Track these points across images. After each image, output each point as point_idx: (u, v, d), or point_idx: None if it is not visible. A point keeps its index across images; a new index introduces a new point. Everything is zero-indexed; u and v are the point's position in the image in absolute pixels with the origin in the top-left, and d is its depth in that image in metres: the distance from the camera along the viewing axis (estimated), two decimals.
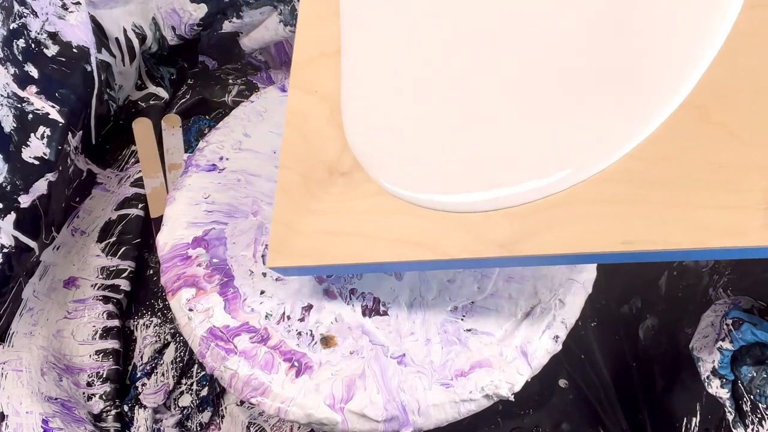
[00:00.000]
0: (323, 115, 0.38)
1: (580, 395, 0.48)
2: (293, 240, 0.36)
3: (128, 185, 0.56)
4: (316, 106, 0.38)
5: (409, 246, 0.33)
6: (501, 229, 0.31)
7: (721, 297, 0.40)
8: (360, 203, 0.35)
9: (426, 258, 0.32)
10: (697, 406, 0.39)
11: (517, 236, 0.30)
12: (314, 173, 0.37)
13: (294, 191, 0.37)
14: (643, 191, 0.28)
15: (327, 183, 0.36)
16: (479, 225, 0.31)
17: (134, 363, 0.49)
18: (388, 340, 0.39)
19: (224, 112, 0.63)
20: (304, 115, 0.38)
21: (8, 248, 0.42)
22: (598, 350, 0.50)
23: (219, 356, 0.38)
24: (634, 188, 0.28)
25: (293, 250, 0.35)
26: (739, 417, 0.36)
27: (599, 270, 0.43)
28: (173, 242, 0.42)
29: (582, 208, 0.29)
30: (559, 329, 0.39)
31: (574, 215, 0.29)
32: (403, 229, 0.33)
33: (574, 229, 0.29)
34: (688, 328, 0.41)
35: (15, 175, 0.43)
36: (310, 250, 0.35)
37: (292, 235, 0.36)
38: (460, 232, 0.32)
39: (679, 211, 0.27)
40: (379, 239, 0.33)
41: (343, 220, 0.35)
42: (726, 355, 0.37)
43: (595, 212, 0.29)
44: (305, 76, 0.39)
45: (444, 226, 0.32)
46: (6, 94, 0.44)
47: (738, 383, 0.36)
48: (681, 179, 0.28)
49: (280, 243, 0.36)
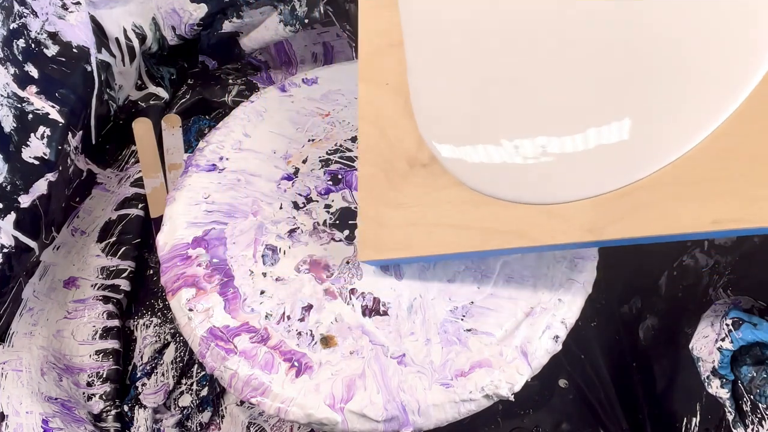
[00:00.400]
0: (398, 107, 0.38)
1: (580, 395, 0.48)
2: (382, 234, 0.36)
3: (128, 185, 0.56)
4: (388, 98, 0.38)
5: (499, 234, 0.33)
6: (587, 215, 0.31)
7: (721, 297, 0.40)
8: (444, 194, 0.35)
9: (516, 245, 0.32)
10: (697, 406, 0.39)
11: (604, 221, 0.30)
12: (395, 166, 0.37)
13: (376, 186, 0.37)
14: (728, 170, 0.27)
15: (409, 174, 0.36)
16: (566, 211, 0.31)
17: (134, 363, 0.49)
18: (388, 340, 0.39)
19: (224, 112, 0.63)
20: (377, 108, 0.38)
21: (8, 248, 0.42)
22: (598, 350, 0.50)
23: (219, 356, 0.38)
24: (718, 168, 0.28)
25: (383, 243, 0.36)
26: (739, 417, 0.36)
27: (599, 270, 0.43)
28: (173, 242, 0.42)
29: (666, 190, 0.29)
30: (559, 329, 0.39)
31: (658, 197, 0.29)
32: (491, 217, 0.33)
33: (659, 211, 0.29)
34: (688, 328, 0.41)
35: (15, 175, 0.43)
36: (399, 243, 0.36)
37: (381, 229, 0.36)
38: (548, 219, 0.32)
39: (753, 188, 0.27)
40: (467, 229, 0.34)
41: (429, 212, 0.35)
42: (726, 355, 0.37)
43: (680, 193, 0.28)
44: (374, 68, 0.39)
45: (531, 214, 0.32)
46: (6, 94, 0.44)
47: (738, 383, 0.36)
48: (749, 159, 0.27)
49: (370, 238, 0.37)
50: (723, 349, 0.37)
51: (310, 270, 0.42)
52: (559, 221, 0.32)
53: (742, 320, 0.36)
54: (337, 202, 0.45)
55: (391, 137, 0.37)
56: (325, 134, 0.50)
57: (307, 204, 0.45)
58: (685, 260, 0.44)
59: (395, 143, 0.37)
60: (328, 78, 0.54)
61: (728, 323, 0.37)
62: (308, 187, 0.46)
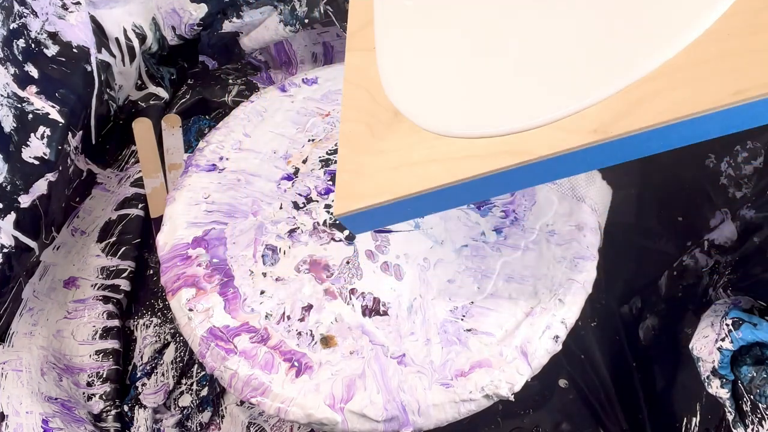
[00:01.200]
0: None
1: (580, 395, 0.48)
2: (361, 183, 0.34)
3: (128, 185, 0.56)
4: (373, 60, 0.38)
5: (489, 157, 0.31)
6: (593, 116, 0.29)
7: (721, 297, 0.40)
8: (431, 133, 0.33)
9: (509, 163, 0.30)
10: (697, 406, 0.39)
11: (613, 117, 0.28)
12: (379, 118, 0.35)
13: (358, 140, 0.36)
14: (745, 42, 0.26)
15: (393, 122, 0.35)
16: (563, 123, 0.29)
17: (134, 363, 0.49)
18: (388, 340, 0.39)
19: (224, 112, 0.63)
20: (364, 70, 0.38)
21: (8, 248, 0.42)
22: (598, 350, 0.50)
23: (219, 356, 0.38)
24: (736, 42, 0.26)
25: (362, 192, 0.34)
26: (739, 417, 0.36)
27: (599, 270, 0.43)
28: (173, 242, 0.42)
29: (677, 76, 0.27)
30: (559, 329, 0.39)
31: (667, 84, 0.27)
32: (482, 145, 0.31)
33: (671, 96, 0.27)
34: (688, 328, 0.41)
35: (15, 175, 0.43)
36: (381, 188, 0.33)
37: (359, 179, 0.34)
38: (545, 130, 0.30)
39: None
40: (455, 159, 0.32)
41: (414, 151, 0.33)
42: (726, 355, 0.37)
43: (696, 74, 0.27)
44: (360, 38, 0.39)
45: (524, 133, 0.31)
46: (6, 94, 0.44)
47: (738, 383, 0.36)
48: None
49: (347, 189, 0.34)
50: (723, 349, 0.37)
51: (310, 270, 0.42)
52: (556, 131, 0.29)
53: (742, 320, 0.36)
54: None
55: (375, 94, 0.37)
56: (325, 134, 0.50)
57: (307, 204, 0.45)
58: (685, 260, 0.44)
59: (381, 98, 0.36)
60: (328, 78, 0.54)
61: (728, 323, 0.37)
62: (308, 187, 0.46)
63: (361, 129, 0.36)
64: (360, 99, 0.37)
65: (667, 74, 0.28)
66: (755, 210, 0.40)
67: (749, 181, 0.42)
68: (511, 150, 0.30)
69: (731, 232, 0.42)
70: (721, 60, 0.27)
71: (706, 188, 0.44)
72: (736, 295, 0.39)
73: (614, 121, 0.28)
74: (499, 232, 0.44)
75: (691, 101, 0.26)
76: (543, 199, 0.45)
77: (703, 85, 0.26)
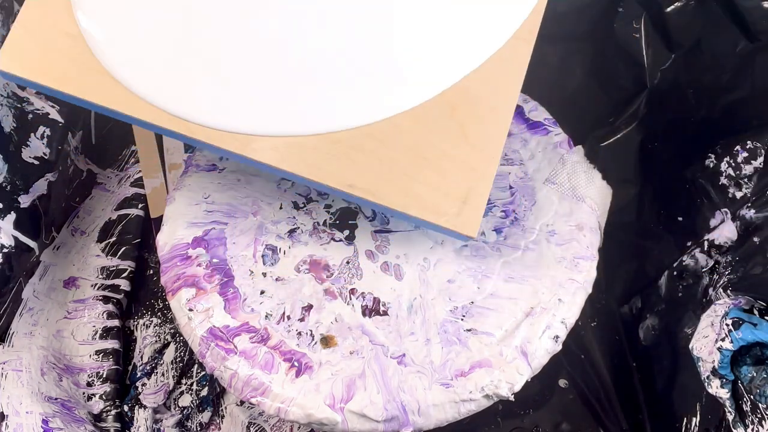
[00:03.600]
0: None
1: (580, 395, 0.48)
2: (39, 52, 0.34)
3: (128, 185, 0.56)
4: None
5: (149, 108, 0.34)
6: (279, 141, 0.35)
7: (721, 297, 0.40)
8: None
9: (158, 124, 0.34)
10: (697, 406, 0.39)
11: (269, 145, 0.34)
12: None
13: (51, 3, 0.34)
14: (384, 152, 0.33)
15: None
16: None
17: (134, 363, 0.49)
18: (388, 340, 0.39)
19: None
20: None
21: (8, 248, 0.42)
22: (598, 350, 0.50)
23: (219, 356, 0.38)
24: (380, 147, 0.33)
25: (35, 62, 0.34)
26: (739, 417, 0.36)
27: (599, 270, 0.43)
28: (173, 242, 0.42)
29: (324, 147, 0.34)
30: (559, 329, 0.39)
31: (314, 147, 0.34)
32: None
33: (311, 158, 0.34)
34: (688, 328, 0.41)
35: (15, 175, 0.43)
36: (53, 70, 0.34)
37: (39, 48, 0.34)
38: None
39: (403, 177, 0.33)
40: (129, 94, 0.34)
41: (92, 56, 0.34)
42: (726, 355, 0.37)
43: (334, 152, 0.34)
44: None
45: None
46: (6, 94, 0.44)
47: (738, 383, 0.36)
48: (414, 153, 0.33)
49: (21, 49, 0.34)
50: (723, 349, 0.37)
51: (310, 270, 0.42)
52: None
53: (742, 320, 0.36)
54: (337, 202, 0.45)
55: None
56: None
57: (307, 204, 0.45)
58: (685, 260, 0.44)
59: None
60: None
61: (728, 323, 0.37)
62: (308, 187, 0.46)
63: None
64: None
65: (318, 141, 0.35)
66: (755, 210, 0.40)
67: (749, 181, 0.42)
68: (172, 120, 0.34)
69: (731, 232, 0.42)
70: (362, 153, 0.34)
71: (706, 188, 0.44)
72: (736, 295, 0.39)
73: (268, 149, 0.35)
74: (499, 232, 0.44)
75: (317, 171, 0.35)
76: (543, 199, 0.45)
77: (335, 165, 0.34)
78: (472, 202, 0.35)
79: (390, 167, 0.34)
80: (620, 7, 0.54)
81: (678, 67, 0.52)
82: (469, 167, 0.34)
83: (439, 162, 0.34)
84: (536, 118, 0.50)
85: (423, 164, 0.34)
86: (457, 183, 0.34)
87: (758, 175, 0.41)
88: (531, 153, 0.48)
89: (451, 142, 0.34)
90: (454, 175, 0.34)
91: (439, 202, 0.34)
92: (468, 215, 0.34)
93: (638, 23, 0.54)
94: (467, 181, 0.34)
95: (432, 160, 0.34)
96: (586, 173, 0.47)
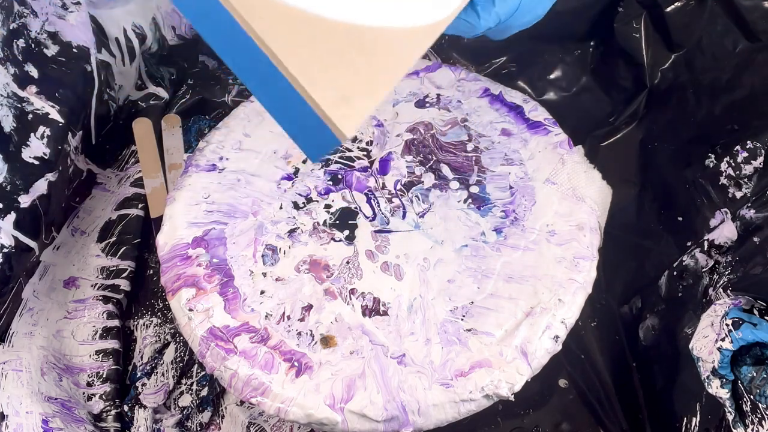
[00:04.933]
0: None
1: (580, 395, 0.48)
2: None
3: (128, 185, 0.56)
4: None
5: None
6: None
7: (721, 297, 0.40)
8: None
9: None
10: (697, 406, 0.39)
11: None
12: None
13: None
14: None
15: None
16: None
17: (134, 363, 0.49)
18: (388, 340, 0.39)
19: (224, 112, 0.63)
20: None
21: (8, 248, 0.42)
22: (598, 350, 0.50)
23: (219, 356, 0.38)
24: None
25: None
26: (739, 417, 0.36)
27: (599, 270, 0.43)
28: (173, 242, 0.42)
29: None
30: (559, 329, 0.39)
31: None
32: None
33: None
34: (688, 328, 0.41)
35: (15, 175, 0.43)
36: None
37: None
38: None
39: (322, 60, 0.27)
40: None
41: None
42: (726, 355, 0.37)
43: None
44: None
45: None
46: (6, 94, 0.44)
47: (738, 383, 0.36)
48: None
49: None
50: (723, 349, 0.37)
51: (310, 270, 0.42)
52: None
53: (742, 320, 0.36)
54: (337, 202, 0.45)
55: None
56: None
57: (307, 204, 0.45)
58: (685, 260, 0.44)
59: None
60: None
61: (728, 323, 0.37)
62: (308, 187, 0.46)
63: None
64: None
65: None
66: (755, 210, 0.40)
67: (749, 181, 0.42)
68: None
69: (731, 232, 0.42)
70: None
71: (706, 188, 0.44)
72: (736, 295, 0.39)
73: None
74: (499, 232, 0.44)
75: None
76: (543, 199, 0.45)
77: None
78: (355, 104, 0.32)
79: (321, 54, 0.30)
80: (620, 7, 0.54)
81: (678, 67, 0.52)
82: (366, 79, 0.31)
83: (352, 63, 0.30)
84: (536, 118, 0.50)
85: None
86: (352, 86, 0.31)
87: (758, 175, 0.41)
88: (531, 153, 0.48)
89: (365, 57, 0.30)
90: (352, 76, 0.31)
91: (328, 93, 0.30)
92: (347, 113, 0.32)
93: (638, 23, 0.54)
94: (358, 86, 0.32)
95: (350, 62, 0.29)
96: (586, 173, 0.47)
